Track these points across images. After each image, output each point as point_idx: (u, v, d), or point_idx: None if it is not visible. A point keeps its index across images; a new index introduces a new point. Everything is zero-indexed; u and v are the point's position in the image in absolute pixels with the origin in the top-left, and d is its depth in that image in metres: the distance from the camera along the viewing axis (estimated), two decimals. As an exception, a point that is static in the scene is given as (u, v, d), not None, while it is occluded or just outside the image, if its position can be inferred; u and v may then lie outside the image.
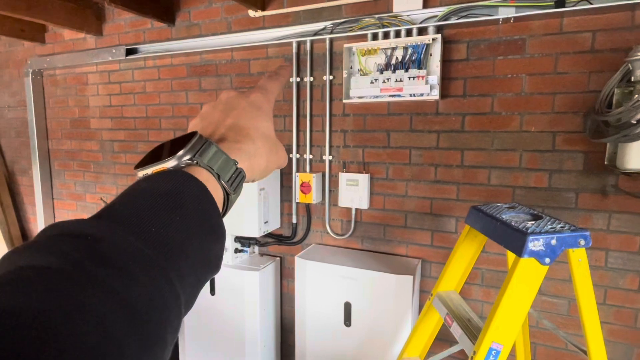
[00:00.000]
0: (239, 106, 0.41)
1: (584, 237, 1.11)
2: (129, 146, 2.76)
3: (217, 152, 0.36)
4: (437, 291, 1.47)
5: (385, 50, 1.85)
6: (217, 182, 0.35)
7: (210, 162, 0.35)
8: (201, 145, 0.35)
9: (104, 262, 0.24)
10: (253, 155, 0.39)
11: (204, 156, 0.34)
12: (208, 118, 0.41)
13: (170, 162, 0.34)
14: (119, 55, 2.56)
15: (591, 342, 1.18)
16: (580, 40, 1.58)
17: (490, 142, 1.77)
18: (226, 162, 0.36)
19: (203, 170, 0.34)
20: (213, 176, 0.35)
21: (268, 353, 2.27)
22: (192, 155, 0.34)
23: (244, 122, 0.40)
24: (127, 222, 0.27)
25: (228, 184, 0.36)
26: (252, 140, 0.40)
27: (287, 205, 2.26)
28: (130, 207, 0.29)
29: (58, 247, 0.24)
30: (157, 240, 0.27)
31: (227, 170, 0.36)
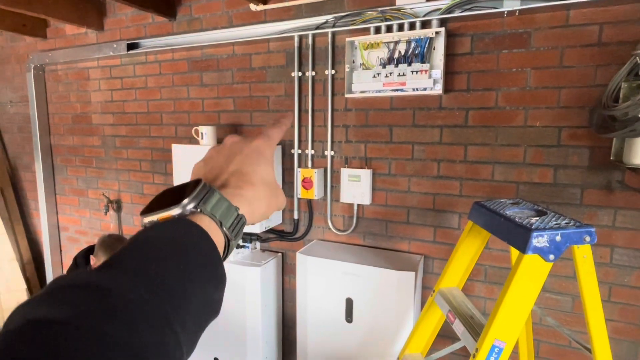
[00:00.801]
0: (242, 152, 0.44)
1: (589, 234, 1.09)
2: (130, 142, 2.76)
3: (220, 199, 0.38)
4: (439, 288, 1.46)
5: (388, 44, 1.83)
6: (219, 229, 0.37)
7: (213, 209, 0.36)
8: (205, 193, 0.37)
9: (112, 315, 0.26)
10: (254, 201, 0.41)
11: (207, 204, 0.36)
12: (212, 162, 0.44)
13: (175, 210, 0.36)
14: (120, 50, 2.55)
15: (595, 340, 1.16)
16: (587, 33, 1.55)
17: (494, 137, 1.75)
18: (228, 209, 0.38)
19: (206, 217, 0.36)
20: (215, 223, 0.36)
21: (269, 349, 2.27)
22: (197, 204, 0.36)
23: (246, 167, 0.42)
24: (134, 273, 0.29)
25: (229, 231, 0.37)
26: (253, 185, 0.42)
27: (288, 201, 2.25)
28: (138, 257, 0.31)
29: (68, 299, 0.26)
30: (162, 291, 0.29)
31: (229, 217, 0.38)
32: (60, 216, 3.25)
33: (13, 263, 3.08)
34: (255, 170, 0.43)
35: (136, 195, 2.81)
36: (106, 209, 2.86)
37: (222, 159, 0.44)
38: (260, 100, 2.25)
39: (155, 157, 2.68)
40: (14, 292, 3.03)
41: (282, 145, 2.22)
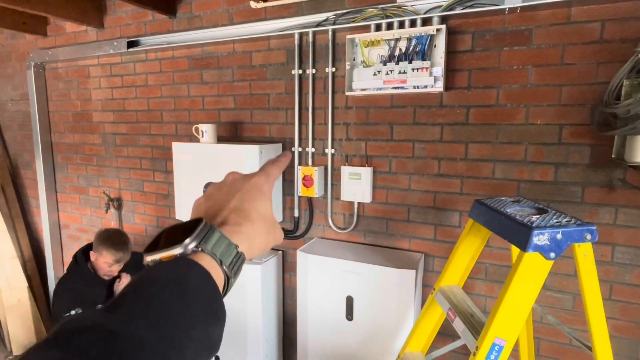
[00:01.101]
0: (242, 188, 0.46)
1: (591, 232, 1.09)
2: (131, 139, 2.76)
3: (220, 237, 0.39)
4: (439, 285, 1.46)
5: (389, 42, 1.82)
6: (220, 267, 0.38)
7: (213, 248, 0.38)
8: (206, 232, 0.38)
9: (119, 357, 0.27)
10: (252, 237, 0.43)
11: (208, 243, 0.38)
12: (213, 199, 0.46)
13: (177, 250, 0.37)
14: (120, 48, 2.55)
15: (596, 338, 1.16)
16: (589, 30, 1.55)
17: (495, 135, 1.75)
18: (228, 247, 0.39)
19: (207, 256, 0.37)
20: (216, 262, 0.38)
21: (270, 346, 2.27)
22: (198, 243, 0.37)
23: (246, 204, 0.44)
24: (139, 316, 0.31)
25: (229, 269, 0.39)
26: (252, 222, 0.43)
27: (289, 199, 2.25)
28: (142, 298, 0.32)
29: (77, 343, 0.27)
30: (165, 332, 0.31)
31: (229, 256, 0.39)
32: (61, 214, 3.26)
33: (14, 260, 3.09)
34: (253, 206, 0.44)
35: (137, 193, 2.81)
36: (107, 206, 2.86)
37: (223, 196, 0.45)
38: (261, 98, 2.24)
39: (155, 155, 2.67)
40: (15, 289, 3.04)
41: (283, 143, 2.21)
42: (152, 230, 2.80)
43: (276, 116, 2.22)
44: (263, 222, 0.45)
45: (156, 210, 2.76)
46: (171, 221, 2.68)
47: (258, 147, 1.99)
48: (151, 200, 2.76)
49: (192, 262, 0.36)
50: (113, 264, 2.04)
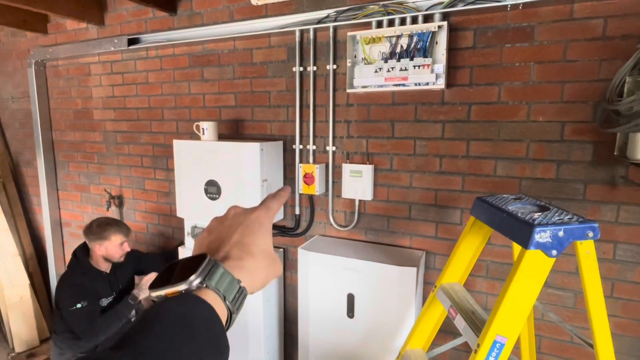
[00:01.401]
0: (243, 222, 0.47)
1: (593, 229, 1.09)
2: (132, 137, 2.76)
3: (224, 273, 0.40)
4: (441, 283, 1.46)
5: (390, 39, 1.81)
6: (223, 302, 0.39)
7: (217, 284, 0.39)
8: (210, 267, 0.40)
9: None
10: (254, 272, 0.44)
11: (212, 279, 0.39)
12: (215, 233, 0.48)
13: (182, 286, 0.38)
14: (121, 45, 2.54)
15: (598, 336, 1.16)
16: (591, 26, 1.54)
17: (497, 133, 1.74)
18: (231, 283, 0.41)
19: (211, 292, 0.39)
20: (219, 297, 0.39)
21: (271, 343, 2.28)
22: (202, 279, 0.39)
23: (247, 238, 0.46)
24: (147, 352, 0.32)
25: (232, 304, 0.40)
26: (253, 256, 0.45)
27: (290, 197, 2.25)
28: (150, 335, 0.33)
29: None
30: None
31: (232, 291, 0.40)
32: (62, 212, 3.26)
33: (16, 258, 3.09)
34: (254, 240, 0.46)
35: (138, 190, 2.81)
36: (108, 204, 2.86)
37: (225, 230, 0.47)
38: (262, 96, 2.24)
39: (156, 152, 2.67)
40: (17, 287, 3.05)
41: (284, 140, 2.21)
42: (153, 227, 2.81)
43: (277, 114, 2.21)
44: (264, 256, 0.46)
45: (157, 207, 2.76)
46: (172, 219, 2.68)
47: (259, 145, 1.99)
48: (152, 198, 2.76)
49: (197, 298, 0.37)
50: (124, 240, 2.16)
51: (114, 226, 2.15)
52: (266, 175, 2.06)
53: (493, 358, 1.10)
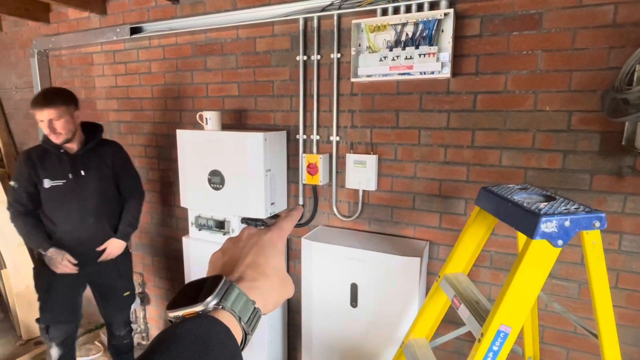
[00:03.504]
0: (257, 243, 0.49)
1: (599, 219, 1.08)
2: (135, 127, 2.75)
3: (240, 294, 0.41)
4: (444, 273, 1.45)
5: (395, 27, 1.79)
6: (238, 324, 0.40)
7: (233, 305, 0.40)
8: (226, 289, 0.41)
9: None
10: (267, 293, 0.45)
11: (228, 300, 0.40)
12: (229, 253, 0.49)
13: (199, 307, 0.39)
14: (123, 35, 2.53)
15: (602, 326, 1.16)
16: (601, 13, 1.51)
17: (503, 122, 1.72)
18: (246, 304, 0.42)
19: (227, 313, 0.40)
20: (235, 318, 0.40)
21: (275, 333, 2.30)
22: (219, 300, 0.39)
23: (260, 259, 0.47)
24: None
25: (247, 325, 0.41)
26: (267, 277, 0.46)
27: (293, 187, 2.25)
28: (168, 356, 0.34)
29: None
30: None
31: (247, 312, 0.41)
32: None
33: (21, 248, 3.12)
34: (267, 261, 0.47)
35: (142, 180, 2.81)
36: (112, 194, 2.87)
37: (239, 251, 0.48)
38: (265, 85, 2.22)
39: (160, 142, 2.67)
40: (23, 276, 3.08)
41: (288, 130, 2.20)
42: (157, 217, 2.82)
43: (280, 103, 2.20)
44: (277, 277, 0.47)
45: (161, 198, 2.77)
46: (176, 209, 2.69)
47: (262, 135, 1.98)
48: (156, 188, 2.77)
49: (214, 319, 0.38)
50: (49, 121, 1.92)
51: (35, 104, 1.92)
52: (270, 165, 2.05)
53: (497, 347, 1.10)
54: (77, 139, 2.07)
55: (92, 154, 2.11)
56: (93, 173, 2.09)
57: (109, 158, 2.16)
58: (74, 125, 2.02)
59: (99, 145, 2.15)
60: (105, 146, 2.18)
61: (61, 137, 1.98)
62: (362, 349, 1.92)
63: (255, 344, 2.20)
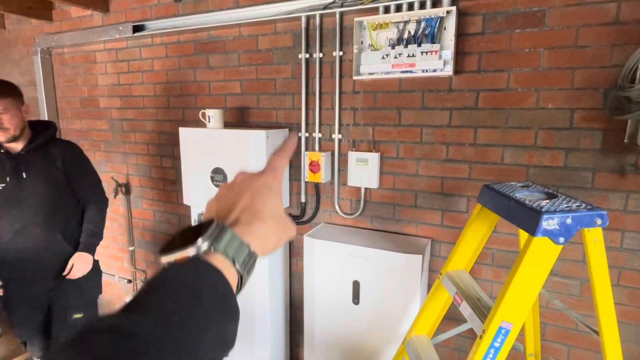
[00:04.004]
0: (252, 187, 0.47)
1: (601, 217, 1.08)
2: (138, 125, 2.76)
3: (232, 237, 0.40)
4: (446, 270, 1.46)
5: (398, 24, 1.79)
6: (232, 266, 0.39)
7: (226, 248, 0.39)
8: (218, 232, 0.40)
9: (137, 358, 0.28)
10: (264, 236, 0.44)
11: (220, 243, 0.39)
12: (224, 199, 0.47)
13: (190, 250, 0.38)
14: (126, 33, 2.53)
15: (604, 323, 1.16)
16: (604, 11, 1.50)
17: (505, 120, 1.72)
18: (240, 247, 0.41)
19: (220, 256, 0.39)
20: (228, 261, 0.39)
21: (277, 329, 2.31)
22: (210, 243, 0.39)
23: (257, 203, 0.45)
24: (155, 316, 0.32)
25: (241, 268, 0.40)
26: (263, 221, 0.44)
27: (295, 185, 2.25)
28: (158, 299, 0.34)
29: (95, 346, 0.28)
30: (181, 330, 0.32)
31: (241, 254, 0.40)
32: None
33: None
34: (263, 205, 0.45)
35: (144, 178, 2.83)
36: (115, 192, 2.89)
37: (233, 196, 0.47)
38: (267, 83, 2.23)
39: (162, 140, 2.68)
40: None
41: (290, 128, 2.20)
42: (160, 215, 2.83)
43: (283, 101, 2.20)
44: (274, 220, 0.46)
45: (164, 195, 2.78)
46: (179, 207, 2.70)
47: (265, 132, 1.99)
48: (159, 186, 2.78)
49: (205, 262, 0.37)
50: None
51: None
52: (272, 163, 2.06)
53: (498, 344, 1.11)
54: (25, 138, 1.83)
55: (37, 155, 1.83)
56: (37, 175, 1.81)
57: (58, 160, 1.87)
58: (21, 121, 1.79)
59: (47, 145, 1.87)
60: (55, 146, 1.90)
61: (8, 133, 1.74)
62: (364, 346, 1.93)
63: (257, 340, 2.22)
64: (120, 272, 3.18)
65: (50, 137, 1.90)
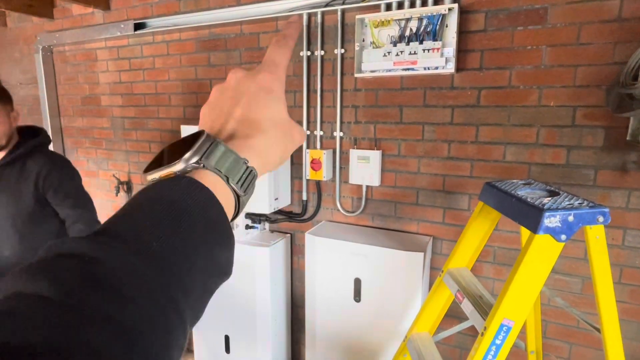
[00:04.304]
0: (248, 91, 0.39)
1: (603, 214, 1.08)
2: (139, 123, 2.76)
3: (226, 151, 0.34)
4: (448, 268, 1.46)
5: (399, 22, 1.78)
6: (226, 184, 0.34)
7: (218, 164, 0.33)
8: (208, 145, 0.33)
9: (100, 286, 0.24)
10: (265, 150, 0.38)
11: (211, 158, 0.33)
12: (217, 107, 0.39)
13: (177, 166, 0.33)
14: (127, 30, 2.53)
15: (605, 321, 1.16)
16: (606, 8, 1.50)
17: (507, 117, 1.72)
18: (235, 162, 0.35)
19: (210, 173, 0.33)
20: (222, 179, 0.34)
21: (279, 326, 2.32)
22: (199, 158, 0.33)
23: (255, 111, 0.38)
24: (128, 240, 0.27)
25: (238, 186, 0.35)
26: (264, 132, 0.38)
27: (297, 182, 2.25)
28: (133, 221, 0.29)
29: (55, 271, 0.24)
30: (159, 257, 0.27)
31: (237, 171, 0.35)
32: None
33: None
34: (263, 113, 0.38)
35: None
36: (117, 190, 2.89)
37: (228, 102, 0.39)
38: (269, 81, 2.22)
39: (164, 138, 2.68)
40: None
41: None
42: (162, 213, 2.83)
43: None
44: (277, 129, 0.39)
45: (165, 193, 2.78)
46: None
47: (266, 130, 1.99)
48: (160, 184, 2.78)
49: (191, 180, 0.32)
50: None
51: None
52: (273, 161, 2.06)
53: (499, 341, 1.11)
54: (9, 148, 1.60)
55: (14, 168, 1.59)
56: (9, 193, 1.57)
57: (32, 177, 1.59)
58: (9, 129, 1.56)
59: (27, 157, 1.61)
60: (33, 160, 1.61)
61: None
62: (365, 344, 1.93)
63: (259, 338, 2.22)
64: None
65: (31, 149, 1.61)
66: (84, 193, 1.71)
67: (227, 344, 2.30)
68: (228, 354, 2.30)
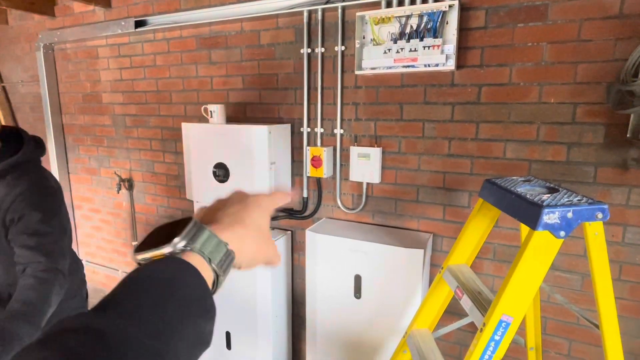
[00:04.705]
0: (243, 201, 0.48)
1: (602, 210, 1.08)
2: (140, 120, 2.77)
3: (210, 236, 0.40)
4: (448, 264, 1.47)
5: (400, 19, 1.78)
6: (209, 265, 0.39)
7: (202, 247, 0.39)
8: (195, 230, 0.39)
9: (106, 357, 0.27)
10: (243, 238, 0.44)
11: (197, 242, 0.39)
12: (214, 207, 0.48)
13: (166, 249, 0.38)
14: (128, 28, 2.53)
15: (604, 317, 1.16)
16: (608, 4, 1.49)
17: (507, 115, 1.72)
18: (217, 246, 0.40)
19: (196, 255, 0.39)
20: (205, 260, 0.39)
21: (279, 323, 2.33)
22: (187, 242, 0.38)
23: (243, 213, 0.46)
24: (128, 315, 0.31)
25: (218, 267, 0.40)
26: (244, 226, 0.45)
27: (298, 180, 2.26)
28: (132, 298, 0.33)
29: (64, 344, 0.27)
30: (156, 329, 0.31)
31: (218, 253, 0.40)
32: (73, 194, 3.32)
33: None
34: (250, 215, 0.46)
35: (147, 174, 2.84)
36: (118, 187, 2.90)
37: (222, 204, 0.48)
38: (269, 78, 2.23)
39: (165, 136, 2.69)
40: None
41: (292, 123, 2.21)
42: (163, 210, 2.85)
43: (285, 96, 2.20)
44: (256, 230, 0.46)
45: (167, 190, 2.79)
46: (181, 201, 2.71)
47: (267, 127, 1.99)
48: (162, 181, 2.79)
49: (181, 260, 0.37)
50: None
51: None
52: (274, 158, 2.07)
53: (498, 337, 1.12)
54: None
55: None
56: None
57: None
58: None
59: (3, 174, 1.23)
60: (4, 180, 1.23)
61: None
62: (365, 340, 1.94)
63: (260, 334, 2.24)
64: (124, 267, 3.20)
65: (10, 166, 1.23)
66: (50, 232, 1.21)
67: (228, 340, 2.31)
68: (229, 350, 2.31)
